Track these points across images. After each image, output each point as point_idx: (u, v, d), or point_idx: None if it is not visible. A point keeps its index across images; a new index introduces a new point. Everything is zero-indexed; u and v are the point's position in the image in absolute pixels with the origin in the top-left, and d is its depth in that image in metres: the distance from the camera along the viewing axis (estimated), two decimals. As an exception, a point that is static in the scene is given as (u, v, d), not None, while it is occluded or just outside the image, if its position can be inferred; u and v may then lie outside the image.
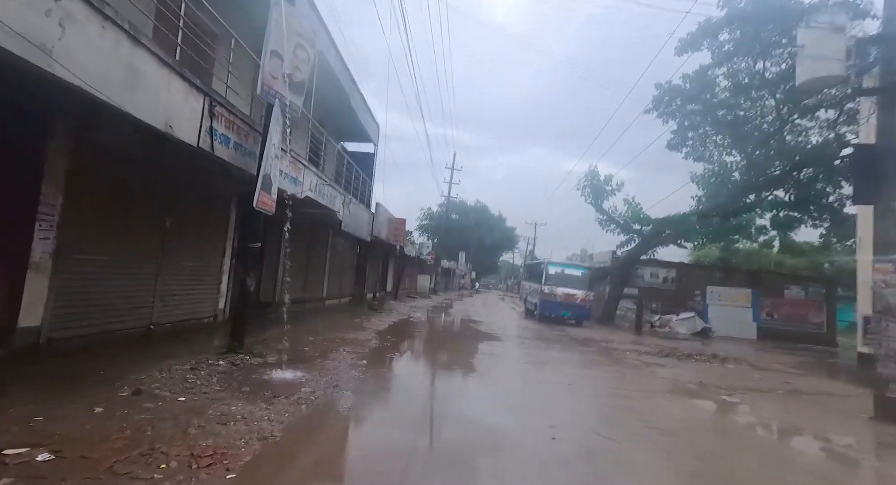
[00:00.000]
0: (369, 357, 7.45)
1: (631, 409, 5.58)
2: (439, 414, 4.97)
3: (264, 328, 9.04)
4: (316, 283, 14.70)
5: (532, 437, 4.16)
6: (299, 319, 11.55)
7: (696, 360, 10.87)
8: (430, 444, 4.00)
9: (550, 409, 5.21)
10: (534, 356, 9.55)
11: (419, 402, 5.43)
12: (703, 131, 22.24)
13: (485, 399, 5.54)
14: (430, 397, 5.76)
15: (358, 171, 13.85)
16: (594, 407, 5.47)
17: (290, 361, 6.44)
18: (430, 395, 5.87)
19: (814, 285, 21.12)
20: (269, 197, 6.62)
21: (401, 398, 5.30)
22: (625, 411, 5.46)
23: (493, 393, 5.86)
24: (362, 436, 4.20)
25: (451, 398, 5.62)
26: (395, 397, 5.44)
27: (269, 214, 6.79)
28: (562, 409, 5.28)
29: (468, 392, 5.87)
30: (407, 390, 5.91)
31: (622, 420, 4.92)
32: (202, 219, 8.11)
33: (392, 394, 5.57)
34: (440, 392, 6.04)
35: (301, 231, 13.32)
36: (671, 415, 5.34)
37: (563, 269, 18.91)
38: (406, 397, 5.45)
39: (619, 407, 5.57)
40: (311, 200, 10.07)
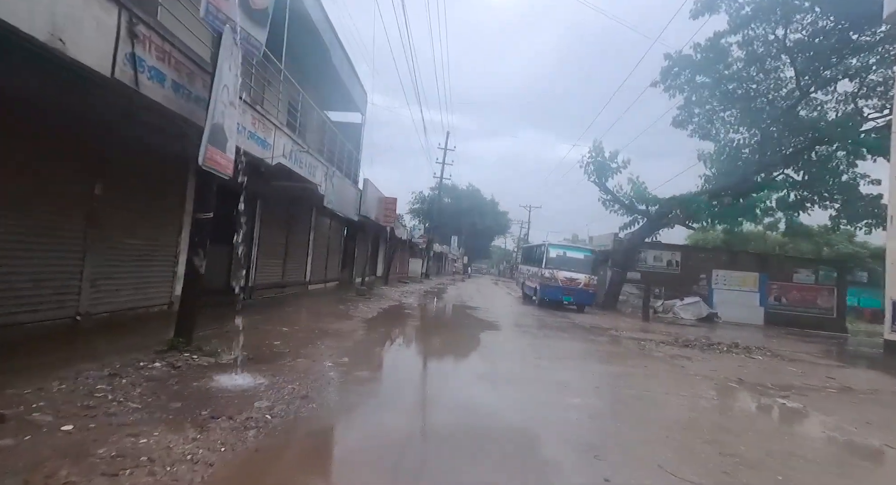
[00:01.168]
0: (353, 353, 6.19)
1: (690, 426, 4.37)
2: (440, 439, 3.74)
3: (229, 318, 7.73)
4: (297, 266, 13.37)
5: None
6: (276, 306, 10.25)
7: (719, 350, 9.78)
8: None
9: (589, 434, 3.96)
10: (546, 350, 8.37)
11: (414, 420, 4.19)
12: (711, 107, 21.04)
13: (500, 417, 4.31)
14: (429, 412, 4.54)
15: (343, 141, 12.41)
16: (643, 426, 4.22)
17: (251, 360, 5.16)
18: (428, 407, 4.64)
19: (824, 269, 20.21)
20: (222, 155, 5.25)
21: (390, 416, 4.04)
22: (685, 430, 4.24)
23: (510, 407, 4.60)
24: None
25: (453, 413, 4.39)
26: (382, 412, 4.16)
27: (224, 177, 5.43)
28: (603, 432, 4.04)
29: (475, 406, 4.62)
30: (397, 400, 4.65)
31: (687, 447, 3.71)
32: (149, 187, 6.70)
33: (378, 408, 4.29)
34: (439, 402, 4.81)
35: (279, 208, 11.93)
36: (741, 434, 4.14)
37: (564, 251, 17.73)
38: (396, 413, 4.19)
39: (672, 424, 4.34)
40: (286, 169, 8.67)
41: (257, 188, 10.23)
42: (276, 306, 10.12)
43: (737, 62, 18.82)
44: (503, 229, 73.11)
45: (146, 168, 6.56)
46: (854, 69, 16.77)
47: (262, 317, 8.34)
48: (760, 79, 19.66)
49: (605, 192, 19.01)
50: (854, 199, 18.86)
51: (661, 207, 18.75)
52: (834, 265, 20.51)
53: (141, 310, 6.73)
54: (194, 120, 5.14)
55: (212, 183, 5.33)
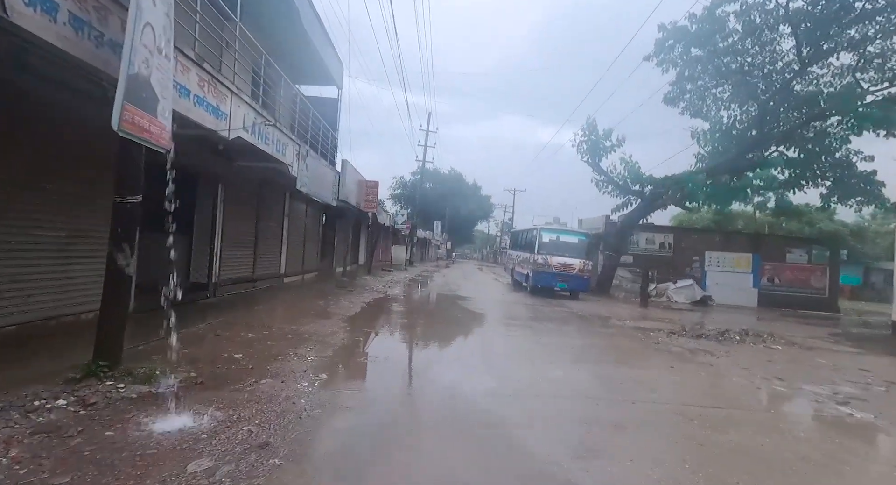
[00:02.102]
0: (333, 367, 5.08)
1: (786, 469, 3.42)
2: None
3: (185, 322, 6.51)
4: (270, 257, 12.09)
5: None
6: (245, 304, 9.04)
7: (737, 341, 9.00)
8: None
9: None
10: (555, 350, 7.42)
11: (419, 473, 3.12)
12: (703, 83, 20.26)
13: (533, 460, 3.28)
14: (435, 455, 3.47)
15: (317, 116, 11.05)
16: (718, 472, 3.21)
17: (200, 385, 4.03)
18: (432, 447, 3.58)
19: (817, 248, 19.83)
20: (151, 120, 4.00)
21: (384, 470, 2.94)
22: (783, 477, 3.28)
23: (542, 454, 3.59)
24: None
25: (466, 458, 3.35)
26: (374, 466, 3.04)
27: (157, 148, 4.19)
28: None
29: (493, 451, 3.58)
30: (393, 441, 3.56)
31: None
32: (69, 163, 5.37)
33: (370, 459, 3.16)
34: (444, 435, 3.76)
35: (245, 193, 10.59)
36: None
37: (558, 235, 16.80)
38: (393, 465, 3.12)
39: (755, 468, 3.37)
40: (250, 146, 7.39)
41: (217, 170, 8.89)
42: (245, 305, 8.91)
43: (733, 34, 17.93)
44: (486, 214, 72.45)
45: (62, 139, 5.23)
46: (853, 40, 16.05)
47: (224, 319, 7.15)
48: (756, 52, 18.85)
49: (598, 172, 18.08)
50: (847, 176, 18.44)
51: (655, 187, 17.94)
52: (827, 244, 20.14)
53: (68, 318, 5.46)
54: (111, 72, 3.86)
55: (137, 156, 4.08)
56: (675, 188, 17.29)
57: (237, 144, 7.35)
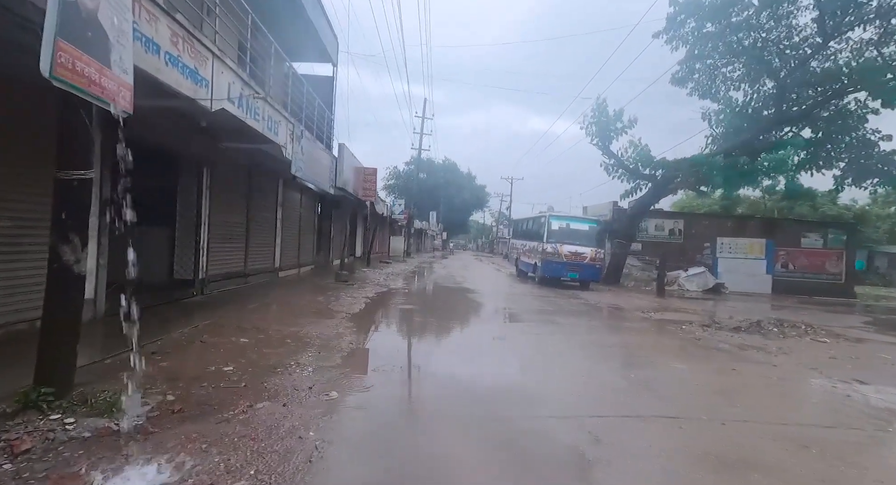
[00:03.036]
0: (343, 381, 4.19)
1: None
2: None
3: (166, 326, 5.58)
4: (264, 250, 11.14)
5: None
6: (236, 302, 8.10)
7: (778, 333, 8.21)
8: None
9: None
10: (591, 347, 6.58)
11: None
12: (713, 62, 19.35)
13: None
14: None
15: (311, 94, 10.01)
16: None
17: (176, 413, 3.12)
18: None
19: (833, 232, 19.14)
20: (101, 70, 3.02)
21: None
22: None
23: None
24: None
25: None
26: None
27: (113, 110, 3.21)
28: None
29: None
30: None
31: None
32: (7, 136, 4.40)
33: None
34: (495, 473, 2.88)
35: (235, 179, 9.60)
36: None
37: (568, 223, 15.93)
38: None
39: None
40: (237, 123, 6.40)
41: (200, 151, 7.89)
42: (236, 303, 7.97)
43: (748, 7, 16.99)
44: (481, 204, 71.62)
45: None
46: (881, 10, 15.17)
47: (212, 321, 6.21)
48: (771, 26, 17.94)
49: (608, 155, 17.15)
50: (864, 157, 17.72)
51: (666, 170, 17.08)
52: (843, 228, 19.45)
53: (17, 327, 4.51)
54: (38, 3, 2.88)
55: (86, 118, 3.10)
56: (690, 171, 16.44)
57: (222, 120, 6.37)
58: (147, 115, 5.74)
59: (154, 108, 5.64)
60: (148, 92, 4.50)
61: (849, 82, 15.39)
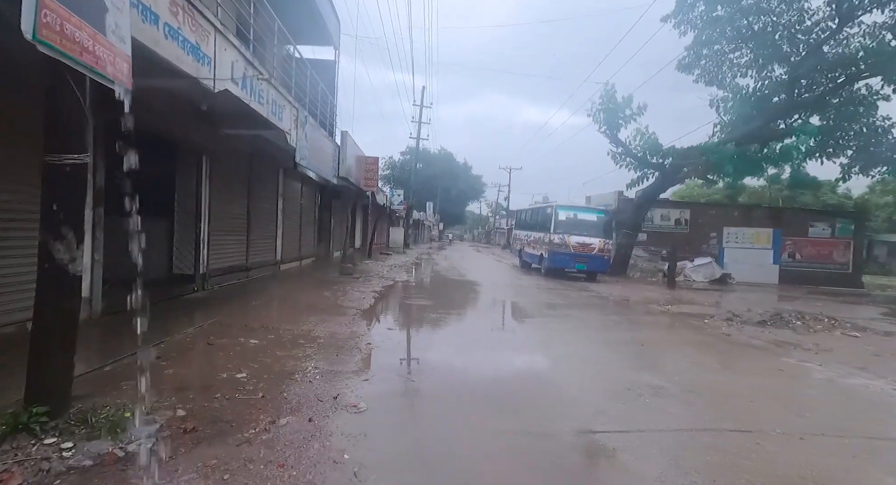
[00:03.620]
0: (371, 387, 3.81)
1: None
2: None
3: (168, 325, 5.17)
4: (265, 242, 10.69)
5: None
6: (239, 297, 7.69)
7: (808, 328, 7.92)
8: None
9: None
10: (619, 345, 6.27)
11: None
12: (720, 47, 18.92)
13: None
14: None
15: (315, 77, 9.49)
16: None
17: (189, 433, 2.73)
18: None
19: (842, 221, 18.92)
20: (95, 36, 2.57)
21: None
22: None
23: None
24: None
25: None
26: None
27: (108, 83, 2.77)
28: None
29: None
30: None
31: None
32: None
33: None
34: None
35: (235, 168, 9.12)
36: None
37: (575, 213, 15.55)
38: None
39: None
40: (239, 105, 5.92)
41: (200, 138, 7.41)
42: (240, 299, 7.55)
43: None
44: (478, 194, 71.14)
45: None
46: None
47: (217, 320, 5.80)
48: (783, 10, 17.49)
49: (615, 143, 16.73)
50: (874, 144, 17.44)
51: (675, 158, 16.70)
52: (852, 217, 19.23)
53: (8, 329, 4.08)
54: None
55: (75, 94, 2.65)
56: (699, 160, 16.07)
57: (224, 103, 5.90)
58: (142, 96, 5.27)
59: (151, 88, 5.16)
60: (145, 68, 4.05)
61: (865, 67, 15.01)
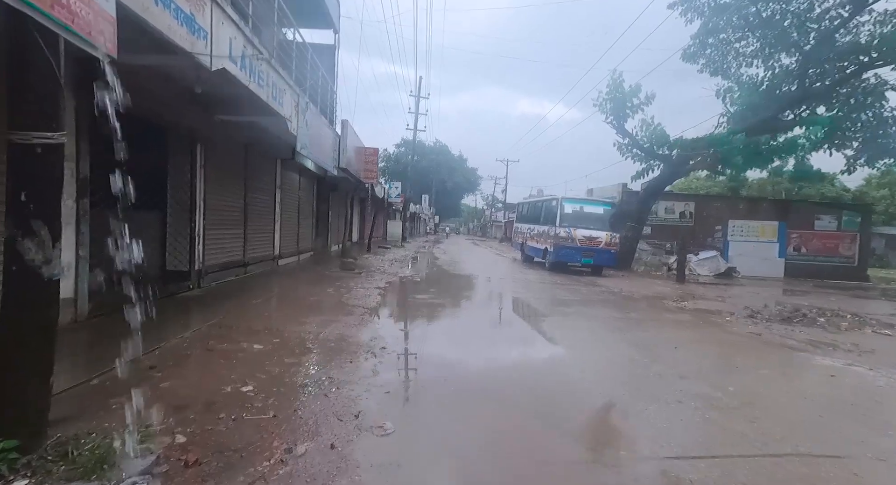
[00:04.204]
0: (395, 401, 3.38)
1: None
2: None
3: (163, 329, 4.69)
4: (262, 236, 10.18)
5: None
6: (238, 295, 7.20)
7: (835, 326, 7.59)
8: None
9: None
10: (651, 347, 5.87)
11: None
12: (726, 37, 18.53)
13: None
14: None
15: (315, 61, 8.94)
16: None
17: (192, 467, 2.28)
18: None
19: (848, 214, 18.69)
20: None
21: None
22: None
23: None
24: None
25: None
26: None
27: (90, 49, 2.28)
28: None
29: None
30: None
31: None
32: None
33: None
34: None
35: (231, 158, 8.58)
36: None
37: (581, 206, 15.15)
38: None
39: None
40: (237, 87, 5.41)
41: (194, 124, 6.87)
42: (239, 297, 7.07)
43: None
44: (473, 187, 70.77)
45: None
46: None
47: (216, 321, 5.32)
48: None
49: (622, 134, 16.30)
50: (881, 136, 17.17)
51: (682, 149, 16.31)
52: (858, 210, 19.00)
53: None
54: None
55: (45, 57, 2.15)
56: (707, 151, 15.70)
57: (221, 84, 5.39)
58: (130, 74, 4.74)
59: (139, 66, 4.63)
60: (132, 40, 3.54)
61: (878, 56, 14.67)
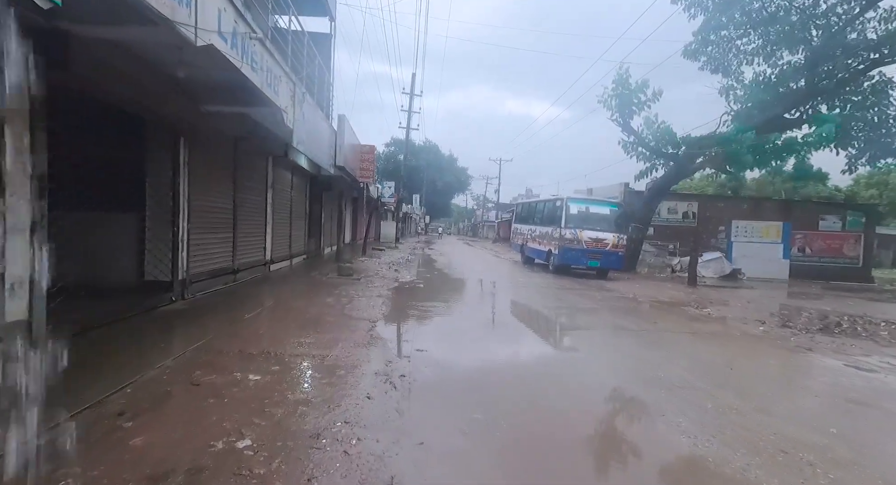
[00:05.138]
0: (429, 462, 2.68)
1: None
2: None
3: (137, 355, 3.92)
4: (253, 240, 9.39)
5: None
6: (226, 307, 6.41)
7: (876, 336, 7.06)
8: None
9: None
10: (711, 372, 5.23)
11: None
12: (728, 34, 18.16)
13: None
14: None
15: (313, 50, 8.17)
16: None
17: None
18: None
19: (853, 214, 18.40)
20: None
21: None
22: None
23: None
24: None
25: None
26: None
27: None
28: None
29: None
30: None
31: None
32: None
33: None
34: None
35: (219, 154, 7.78)
36: None
37: (588, 206, 14.55)
38: None
39: None
40: (227, 71, 4.65)
41: (177, 115, 6.08)
42: (229, 309, 6.29)
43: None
44: (463, 186, 70.19)
45: None
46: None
47: (203, 343, 4.55)
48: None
49: (627, 132, 15.76)
50: (885, 135, 16.91)
51: (689, 147, 15.84)
52: (863, 209, 18.73)
53: None
54: None
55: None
56: (715, 149, 15.24)
57: (207, 68, 4.64)
58: (100, 51, 3.96)
59: (110, 41, 3.87)
60: (99, 8, 2.80)
61: (889, 52, 14.34)
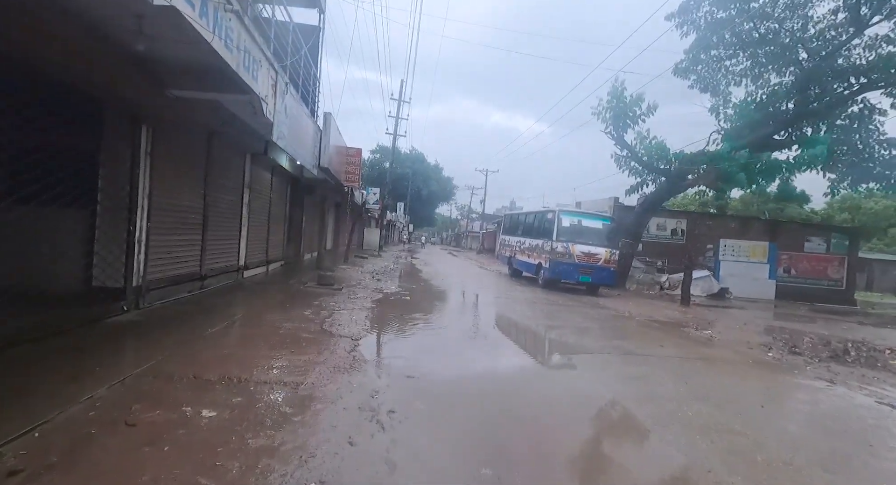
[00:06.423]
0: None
1: None
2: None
3: (67, 380, 3.14)
4: (226, 244, 8.58)
5: None
6: (190, 322, 5.59)
7: (874, 362, 6.68)
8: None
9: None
10: (745, 410, 4.68)
11: None
12: (717, 54, 18.30)
13: None
14: None
15: (298, 38, 7.52)
16: None
17: None
18: None
19: (837, 236, 18.49)
20: None
21: None
22: None
23: None
24: None
25: None
26: None
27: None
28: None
29: None
30: None
31: None
32: None
33: None
34: None
35: (189, 147, 7.02)
36: None
37: (580, 219, 14.13)
38: None
39: None
40: (194, 40, 3.96)
41: (138, 99, 5.34)
42: (189, 322, 5.50)
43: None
44: (448, 196, 69.86)
45: None
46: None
47: (152, 366, 3.78)
48: (786, 16, 16.98)
49: (621, 146, 15.49)
50: (868, 159, 17.13)
51: (681, 164, 15.66)
52: (847, 232, 18.85)
53: None
54: None
55: None
56: (707, 166, 15.07)
57: (173, 42, 3.96)
58: (39, 19, 3.24)
59: (56, 5, 3.17)
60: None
61: (876, 78, 14.48)
